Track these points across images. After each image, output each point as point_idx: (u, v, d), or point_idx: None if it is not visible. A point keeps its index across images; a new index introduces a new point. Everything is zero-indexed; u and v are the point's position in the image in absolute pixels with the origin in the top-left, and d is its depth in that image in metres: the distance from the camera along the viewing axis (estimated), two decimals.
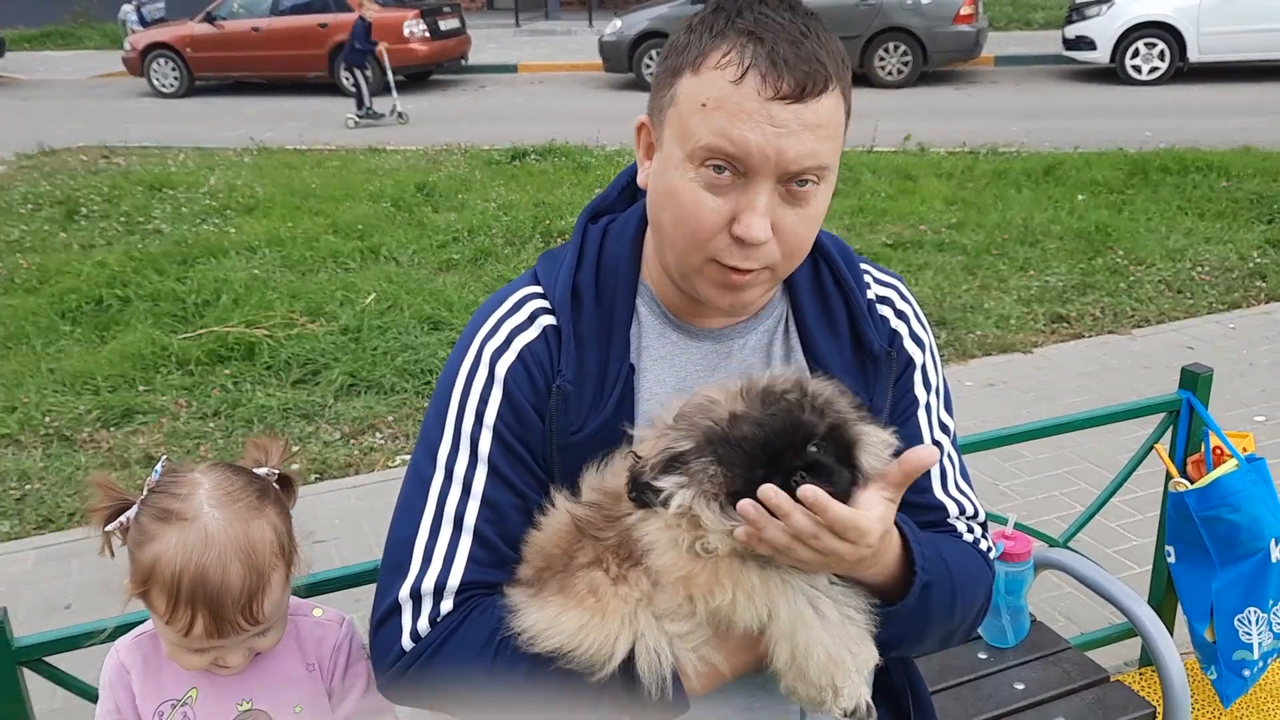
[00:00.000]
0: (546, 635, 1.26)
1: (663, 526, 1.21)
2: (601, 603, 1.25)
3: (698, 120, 1.25)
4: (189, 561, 1.37)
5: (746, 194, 1.26)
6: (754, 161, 1.24)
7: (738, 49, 1.24)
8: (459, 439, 1.39)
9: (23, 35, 24.74)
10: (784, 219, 1.28)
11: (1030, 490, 4.30)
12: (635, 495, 1.22)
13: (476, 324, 1.45)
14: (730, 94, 1.23)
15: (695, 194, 1.28)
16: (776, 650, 1.24)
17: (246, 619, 1.39)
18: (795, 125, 1.23)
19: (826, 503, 1.15)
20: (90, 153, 11.77)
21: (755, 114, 1.22)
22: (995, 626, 2.44)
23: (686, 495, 1.19)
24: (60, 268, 7.15)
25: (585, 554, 1.30)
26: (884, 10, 14.83)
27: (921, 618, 1.38)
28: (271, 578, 1.42)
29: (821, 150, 1.26)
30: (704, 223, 1.28)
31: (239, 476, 1.47)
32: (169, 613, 1.38)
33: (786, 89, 1.22)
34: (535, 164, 10.34)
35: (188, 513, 1.40)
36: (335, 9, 16.65)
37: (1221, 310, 6.23)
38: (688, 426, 1.23)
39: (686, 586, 1.22)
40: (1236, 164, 8.90)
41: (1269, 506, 2.76)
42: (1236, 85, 13.71)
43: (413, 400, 5.27)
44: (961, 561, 1.47)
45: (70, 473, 4.63)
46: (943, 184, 8.94)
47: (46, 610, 3.70)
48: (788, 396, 1.21)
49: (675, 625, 1.25)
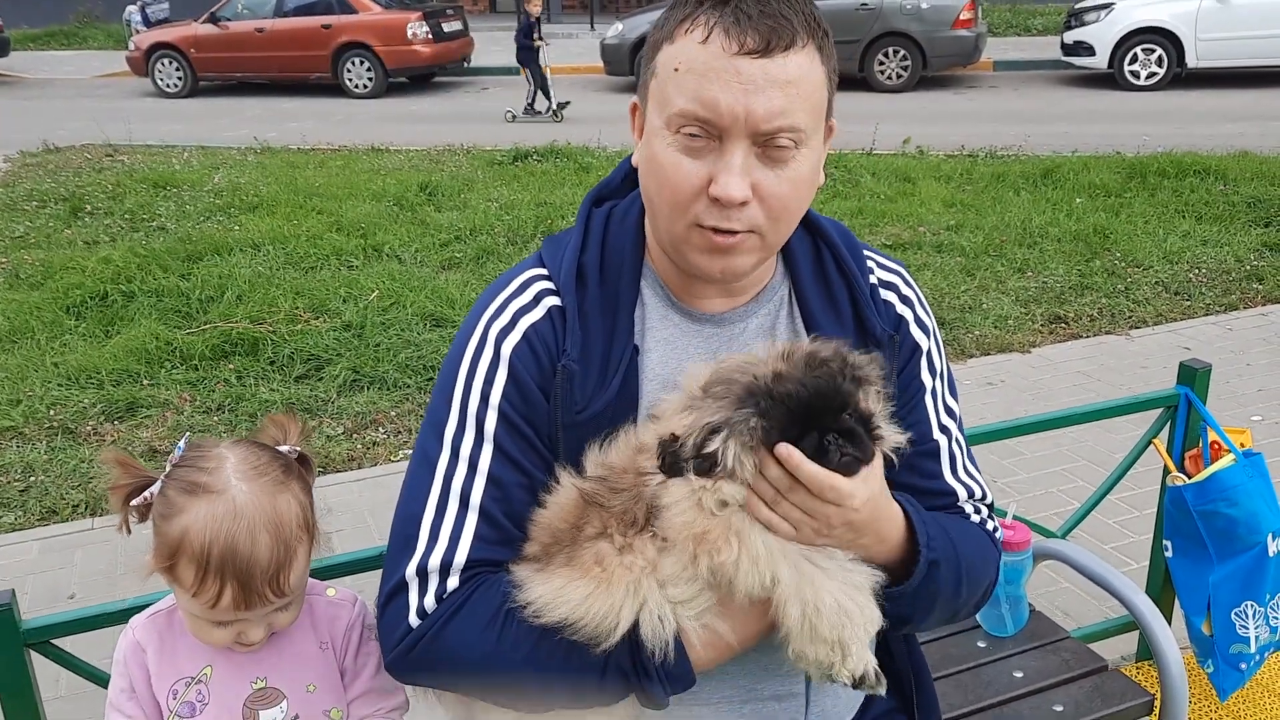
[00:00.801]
0: (552, 606, 1.28)
1: (686, 489, 1.24)
2: (607, 572, 1.27)
3: (671, 86, 1.30)
4: (219, 532, 1.39)
5: (722, 156, 1.29)
6: (724, 122, 1.26)
7: (705, 12, 1.28)
8: (465, 418, 1.40)
9: (27, 35, 24.79)
10: (763, 180, 1.30)
11: (1029, 486, 4.32)
12: (669, 466, 1.24)
13: (482, 306, 1.47)
14: (698, 54, 1.27)
15: (674, 159, 1.31)
16: (787, 610, 1.26)
17: (274, 590, 1.41)
18: (762, 80, 1.25)
19: (800, 460, 1.21)
20: (94, 151, 11.80)
21: (722, 71, 1.25)
22: (994, 616, 2.46)
23: (731, 447, 1.22)
24: (65, 264, 7.17)
25: (592, 525, 1.32)
26: (884, 14, 14.88)
27: (929, 595, 1.41)
28: (298, 550, 1.44)
29: (793, 109, 1.28)
30: (683, 186, 1.31)
31: (264, 451, 1.50)
32: (197, 584, 1.39)
33: (751, 43, 1.25)
34: (537, 165, 10.38)
35: (216, 485, 1.42)
36: (339, 10, 16.71)
37: (1218, 312, 6.26)
38: (724, 388, 1.25)
39: (695, 543, 1.24)
40: (1233, 168, 8.94)
41: (1266, 501, 2.78)
42: (1233, 91, 13.76)
43: (415, 396, 5.29)
44: (969, 540, 1.50)
45: (74, 465, 4.65)
46: (942, 186, 8.97)
47: (50, 600, 3.72)
48: (830, 363, 1.25)
49: (678, 590, 1.28)
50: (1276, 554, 2.79)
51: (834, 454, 1.22)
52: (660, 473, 1.25)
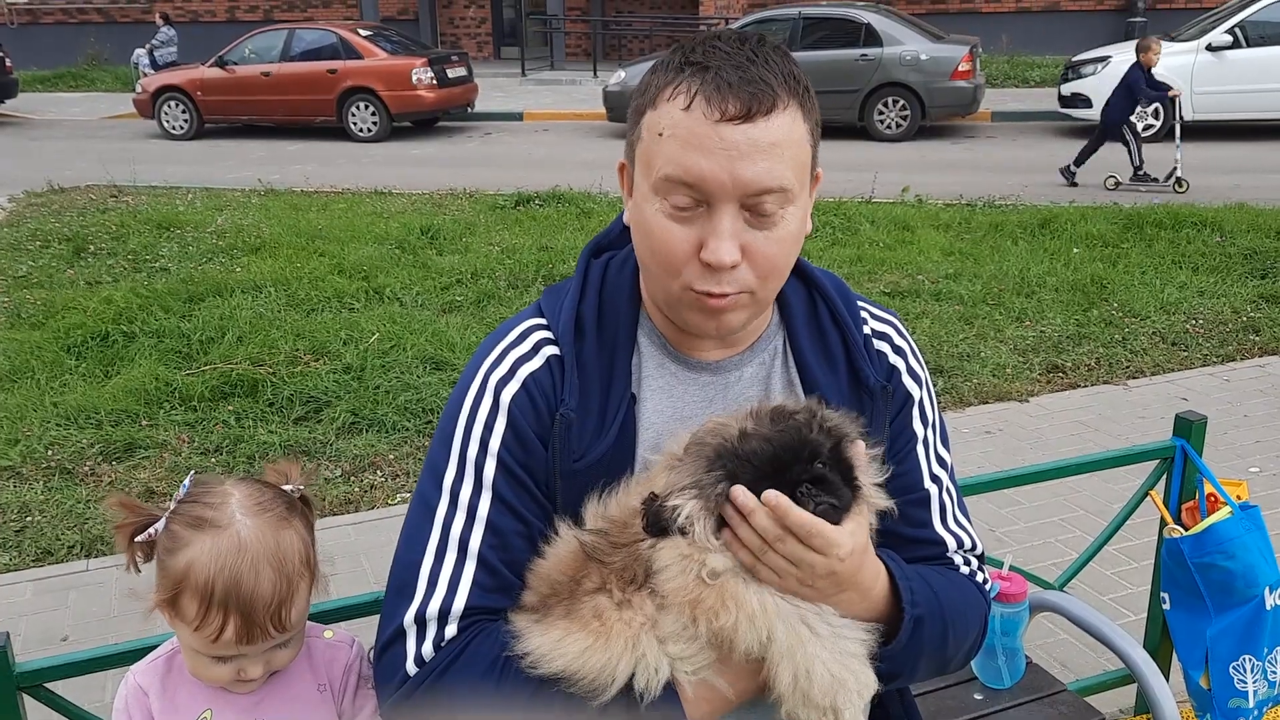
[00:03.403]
0: (550, 658, 1.28)
1: (676, 552, 1.24)
2: (606, 627, 1.28)
3: (656, 151, 1.32)
4: (223, 566, 1.41)
5: (711, 220, 1.30)
6: (711, 187, 1.28)
7: (686, 79, 1.30)
8: (464, 466, 1.41)
9: (36, 76, 25.07)
10: (752, 241, 1.32)
11: (1027, 536, 4.32)
12: (650, 526, 1.26)
13: (482, 355, 1.49)
14: (681, 121, 1.29)
15: (663, 224, 1.32)
16: (779, 673, 1.26)
17: (275, 624, 1.43)
18: (746, 146, 1.27)
19: (787, 506, 1.22)
20: (99, 192, 11.89)
21: (706, 138, 1.27)
22: (991, 667, 2.45)
23: (695, 506, 1.23)
24: (67, 303, 7.21)
25: (591, 579, 1.32)
26: (883, 65, 15.07)
27: (915, 652, 1.41)
28: (299, 585, 1.46)
29: (778, 169, 1.29)
30: (674, 252, 1.33)
31: (268, 489, 1.52)
32: (200, 618, 1.41)
33: (733, 110, 1.26)
34: (539, 209, 10.46)
35: (221, 520, 1.45)
36: (345, 55, 16.92)
37: (1216, 363, 6.28)
38: (697, 451, 1.27)
39: (693, 609, 1.25)
40: (1230, 220, 9.01)
41: (1263, 554, 2.78)
42: (1229, 144, 13.90)
43: (414, 439, 5.29)
44: (954, 593, 1.50)
45: (71, 506, 4.64)
46: (940, 235, 9.04)
47: (43, 642, 3.70)
48: (796, 416, 1.26)
49: (678, 647, 1.28)
50: (1274, 607, 2.78)
51: (807, 503, 1.23)
52: (643, 532, 1.27)
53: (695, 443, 1.29)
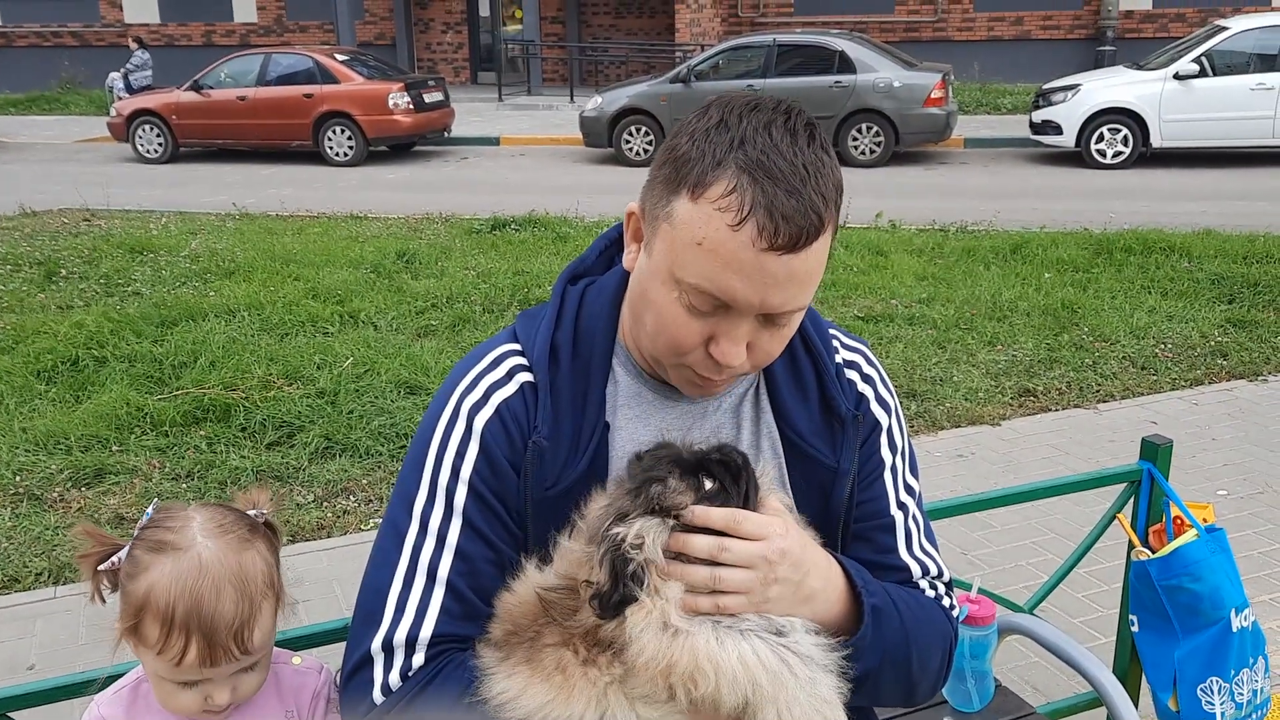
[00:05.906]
0: (512, 706, 1.26)
1: (643, 613, 1.22)
2: (569, 682, 1.25)
3: (690, 256, 1.27)
4: (184, 589, 1.40)
5: (727, 322, 1.32)
6: (739, 305, 1.29)
7: (739, 191, 1.24)
8: (435, 492, 1.41)
9: (9, 100, 24.92)
10: (759, 339, 1.35)
11: (999, 559, 4.35)
12: (604, 612, 1.23)
13: (455, 379, 1.48)
14: (726, 240, 1.24)
15: (676, 313, 1.32)
16: (764, 716, 1.23)
17: (239, 646, 1.42)
18: (783, 276, 1.27)
19: (704, 509, 1.25)
20: (71, 215, 11.81)
21: (748, 264, 1.25)
22: (960, 690, 2.46)
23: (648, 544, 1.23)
24: (37, 328, 7.14)
25: (551, 635, 1.29)
26: (857, 92, 15.24)
27: (878, 647, 1.41)
28: (263, 606, 1.45)
29: (805, 294, 1.32)
30: (683, 341, 1.34)
31: (230, 512, 1.52)
32: (162, 641, 1.40)
33: (782, 242, 1.24)
34: (515, 234, 10.48)
35: (182, 543, 1.44)
36: (321, 80, 16.93)
37: (1184, 387, 6.36)
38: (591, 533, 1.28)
39: (666, 677, 1.21)
40: (1198, 246, 9.15)
41: (1229, 576, 2.81)
42: (1197, 170, 14.13)
43: (387, 464, 5.27)
44: (914, 605, 1.50)
45: (39, 532, 4.58)
46: (913, 260, 9.13)
47: (9, 671, 3.64)
48: (647, 452, 1.32)
49: (649, 711, 1.24)
50: (1240, 629, 2.81)
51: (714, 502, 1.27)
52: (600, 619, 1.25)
53: (594, 519, 1.30)
